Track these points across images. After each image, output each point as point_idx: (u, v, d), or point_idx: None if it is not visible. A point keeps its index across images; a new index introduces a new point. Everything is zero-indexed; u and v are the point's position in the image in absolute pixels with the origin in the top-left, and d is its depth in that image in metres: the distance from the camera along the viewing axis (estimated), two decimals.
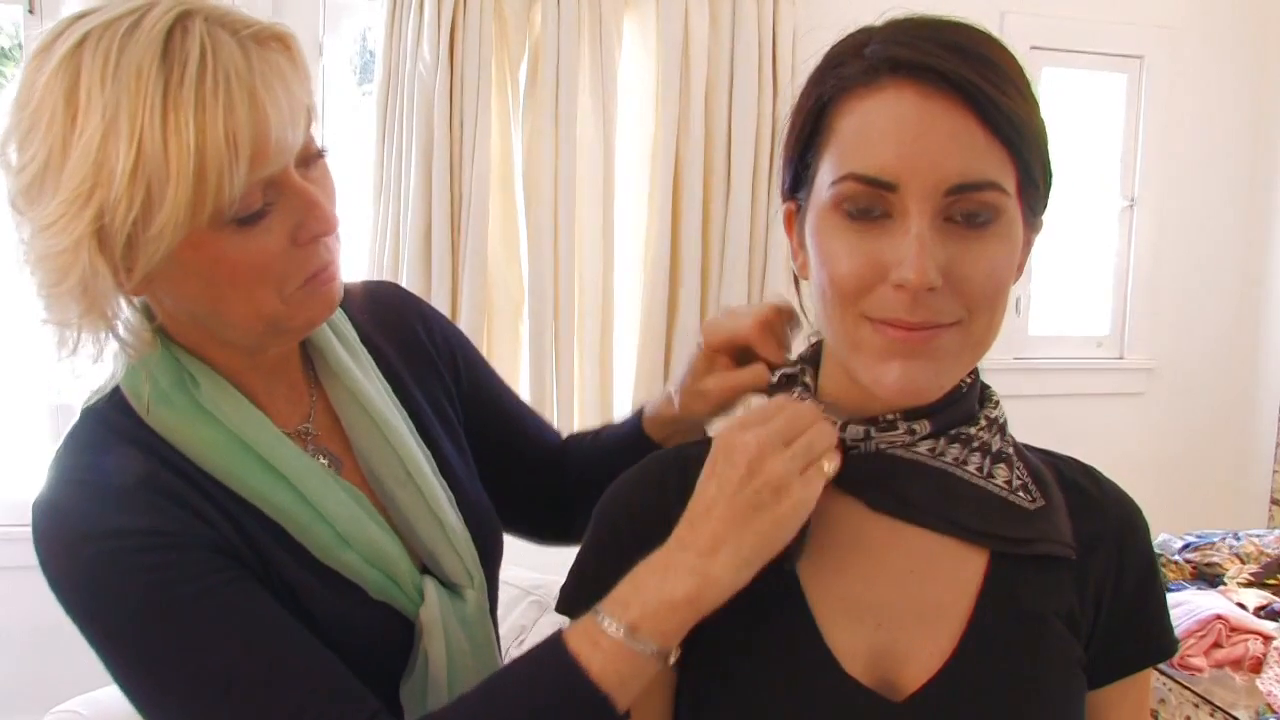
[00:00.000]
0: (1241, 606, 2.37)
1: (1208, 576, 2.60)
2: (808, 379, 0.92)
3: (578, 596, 0.92)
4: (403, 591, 0.98)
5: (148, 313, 0.91)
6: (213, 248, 0.83)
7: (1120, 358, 3.66)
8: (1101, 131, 3.60)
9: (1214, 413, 3.74)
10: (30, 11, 2.93)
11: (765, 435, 0.82)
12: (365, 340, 1.09)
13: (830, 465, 0.84)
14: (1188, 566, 2.64)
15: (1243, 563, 2.62)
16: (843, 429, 0.86)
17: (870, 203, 0.78)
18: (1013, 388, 3.45)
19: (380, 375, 1.07)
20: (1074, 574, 0.88)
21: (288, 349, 0.99)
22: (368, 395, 1.02)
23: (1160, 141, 3.58)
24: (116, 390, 0.91)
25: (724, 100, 3.03)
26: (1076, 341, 3.67)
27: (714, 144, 3.04)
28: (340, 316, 1.06)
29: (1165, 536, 2.80)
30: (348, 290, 1.09)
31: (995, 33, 0.82)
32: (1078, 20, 3.45)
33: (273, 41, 0.85)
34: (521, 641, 2.17)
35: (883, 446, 0.85)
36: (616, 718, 0.83)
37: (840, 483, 0.87)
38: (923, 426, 0.85)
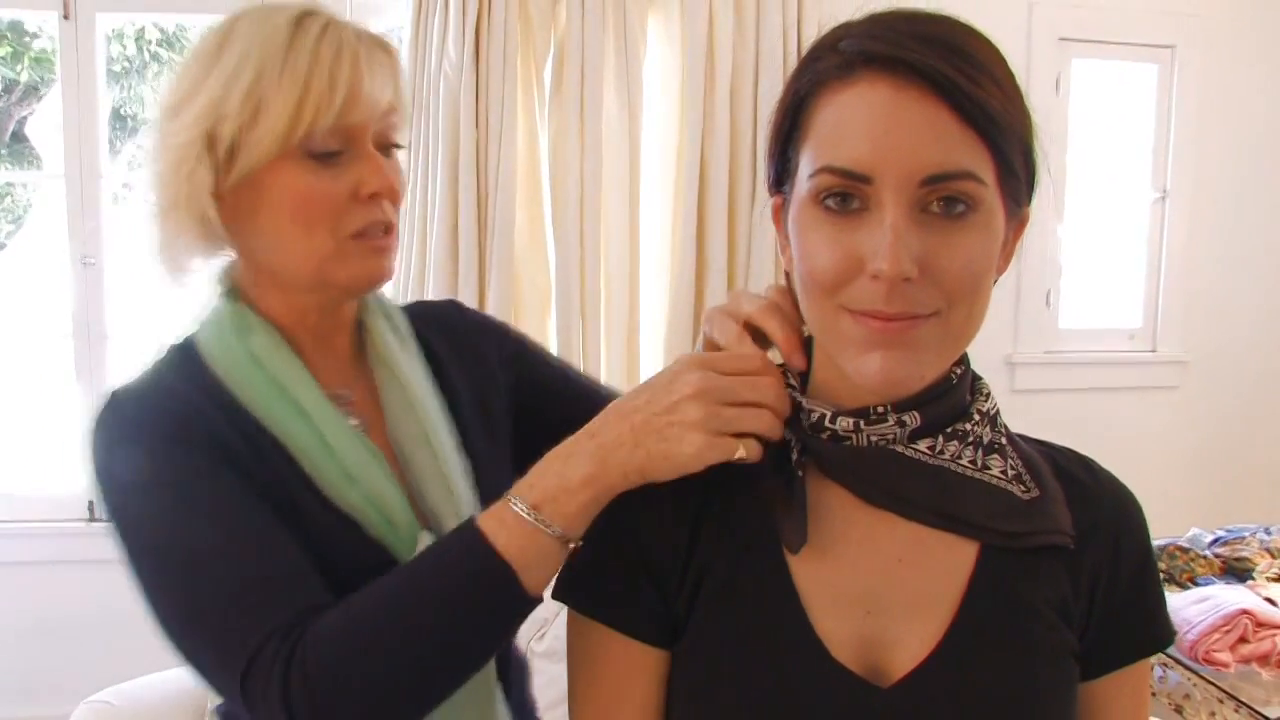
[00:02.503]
0: (1270, 601, 2.34)
1: (1237, 571, 2.56)
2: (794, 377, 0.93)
3: (574, 584, 0.94)
4: (398, 537, 1.05)
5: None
6: (289, 177, 1.00)
7: (1153, 351, 3.62)
8: (1132, 123, 3.55)
9: (1248, 406, 3.69)
10: (65, 17, 2.99)
11: (711, 385, 0.86)
12: (418, 334, 1.20)
13: (745, 452, 0.86)
14: (1217, 561, 2.61)
15: (1273, 557, 2.58)
16: (833, 420, 0.87)
17: (846, 195, 0.79)
18: (1043, 382, 3.48)
19: (424, 360, 1.18)
20: (1067, 564, 0.89)
21: (339, 321, 1.13)
22: (401, 365, 1.13)
23: (1192, 133, 3.53)
24: (192, 341, 1.08)
25: (749, 96, 3.03)
26: (1108, 335, 3.63)
27: (739, 140, 3.04)
28: (397, 312, 1.20)
29: (1195, 531, 2.77)
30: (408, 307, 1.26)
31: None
32: (1107, 10, 3.42)
33: (383, 44, 1.07)
34: (542, 635, 2.18)
35: (874, 439, 0.86)
36: (521, 590, 0.91)
37: (834, 475, 0.89)
38: (913, 419, 0.86)
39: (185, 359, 1.06)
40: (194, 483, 0.97)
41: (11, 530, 3.06)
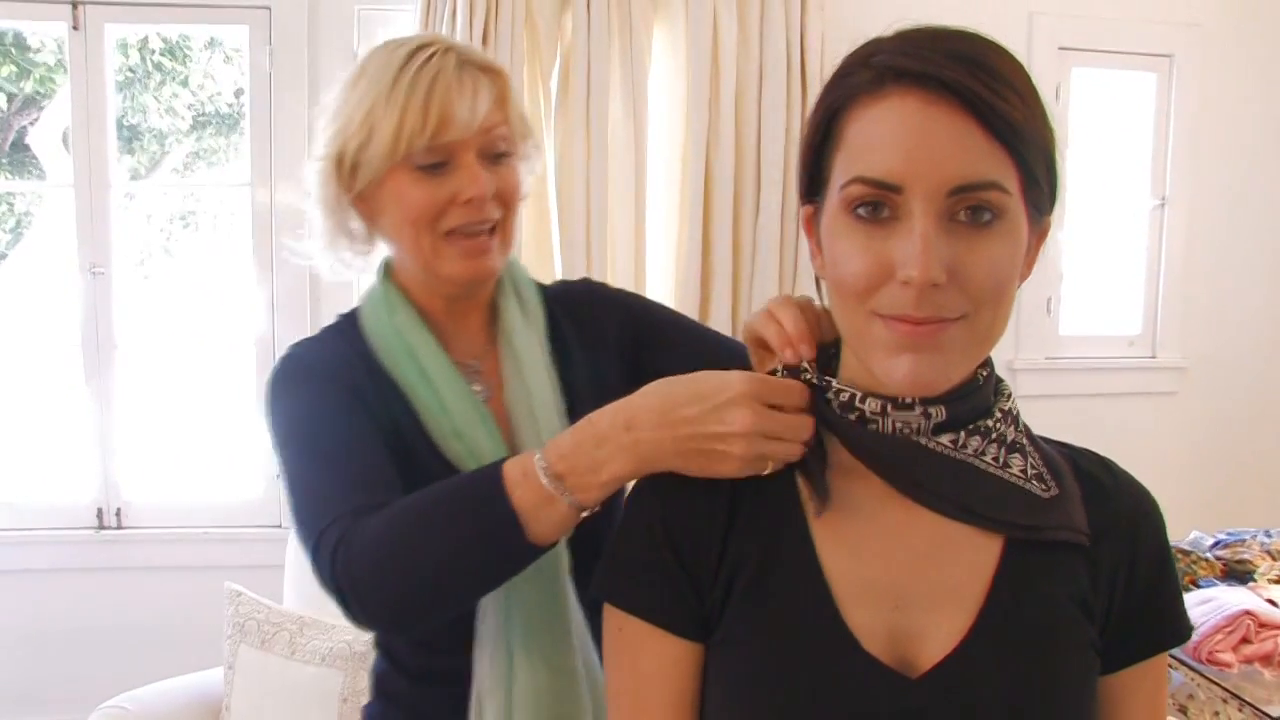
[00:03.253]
0: (1271, 603, 2.37)
1: (1238, 573, 2.59)
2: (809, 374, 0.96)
3: (611, 579, 0.97)
4: None
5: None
6: (400, 185, 1.21)
7: (1152, 357, 3.66)
8: (1131, 131, 3.59)
9: (1247, 412, 3.72)
10: (75, 28, 3.01)
11: (761, 426, 0.92)
12: (550, 312, 1.37)
13: (771, 468, 0.93)
14: (1218, 564, 2.63)
15: (1274, 559, 2.61)
16: (862, 400, 0.90)
17: (877, 204, 0.82)
18: (1044, 388, 3.50)
19: (545, 337, 1.34)
20: (1087, 560, 0.92)
21: (473, 303, 1.32)
22: (520, 340, 1.30)
23: (1191, 140, 3.57)
24: (356, 312, 1.33)
25: (753, 107, 3.06)
26: (1108, 341, 3.66)
27: (744, 150, 3.07)
28: (531, 293, 1.38)
29: (1196, 534, 2.79)
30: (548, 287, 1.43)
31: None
32: (1106, 20, 3.46)
33: (487, 68, 1.25)
34: None
35: (900, 425, 0.89)
36: (523, 539, 1.01)
37: (859, 454, 0.92)
38: (939, 412, 0.89)
39: (349, 325, 1.31)
40: (326, 410, 1.20)
41: (22, 538, 3.07)
